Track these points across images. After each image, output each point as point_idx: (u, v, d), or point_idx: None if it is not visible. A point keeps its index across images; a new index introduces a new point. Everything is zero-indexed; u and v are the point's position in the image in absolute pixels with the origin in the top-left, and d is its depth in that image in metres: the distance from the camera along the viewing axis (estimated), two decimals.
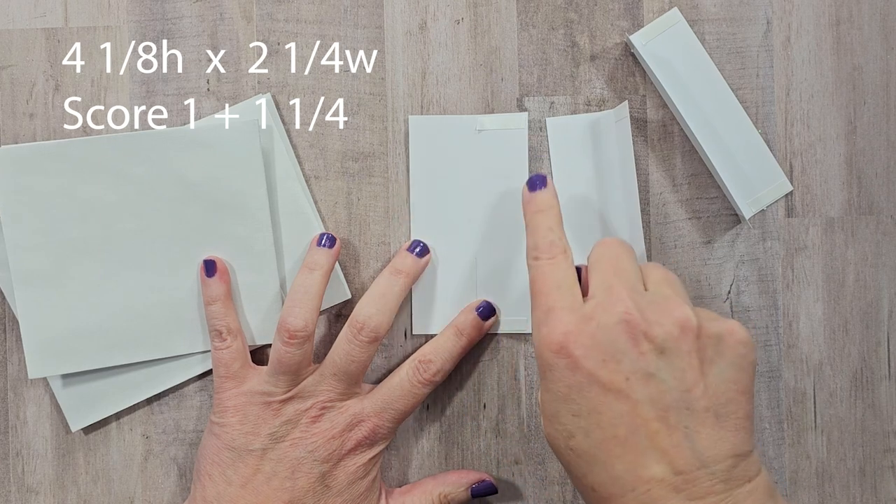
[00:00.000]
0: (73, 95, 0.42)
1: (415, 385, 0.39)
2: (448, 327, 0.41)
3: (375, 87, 0.43)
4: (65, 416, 0.42)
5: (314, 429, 0.38)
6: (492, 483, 0.41)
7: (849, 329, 0.43)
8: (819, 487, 0.43)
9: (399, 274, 0.40)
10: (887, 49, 0.43)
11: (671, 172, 0.43)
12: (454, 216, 0.42)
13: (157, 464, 0.43)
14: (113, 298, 0.40)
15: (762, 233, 0.43)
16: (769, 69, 0.43)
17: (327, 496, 0.38)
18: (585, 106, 0.43)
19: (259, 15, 0.43)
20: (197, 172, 0.40)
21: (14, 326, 0.42)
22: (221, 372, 0.39)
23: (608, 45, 0.43)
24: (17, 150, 0.40)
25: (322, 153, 0.43)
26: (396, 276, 0.40)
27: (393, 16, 0.43)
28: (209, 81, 0.42)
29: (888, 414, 0.43)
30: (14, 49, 0.42)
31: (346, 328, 0.38)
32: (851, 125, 0.43)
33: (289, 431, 0.38)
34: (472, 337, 0.41)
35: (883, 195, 0.43)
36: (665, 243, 0.43)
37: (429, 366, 0.39)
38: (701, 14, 0.43)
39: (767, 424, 0.43)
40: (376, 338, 0.38)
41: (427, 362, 0.39)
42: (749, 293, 0.43)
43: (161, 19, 0.42)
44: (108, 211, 0.40)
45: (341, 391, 0.39)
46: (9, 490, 0.42)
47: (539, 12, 0.43)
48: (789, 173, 0.43)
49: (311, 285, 0.39)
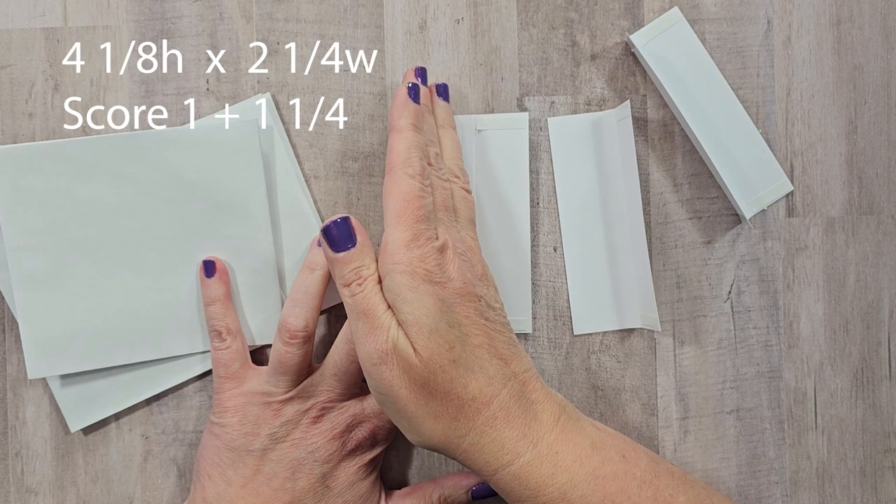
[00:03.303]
0: (73, 95, 0.42)
1: None
2: None
3: (375, 87, 0.43)
4: (64, 417, 0.41)
5: (314, 429, 0.38)
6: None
7: (849, 329, 0.43)
8: (819, 488, 0.43)
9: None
10: (888, 49, 0.43)
11: (672, 172, 0.43)
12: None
13: (156, 464, 0.42)
14: (112, 299, 0.40)
15: (763, 233, 0.43)
16: (770, 69, 0.43)
17: (328, 497, 0.38)
18: (586, 106, 0.43)
19: (259, 15, 0.43)
20: (197, 172, 0.40)
21: (13, 327, 0.42)
22: (221, 372, 0.39)
23: (608, 45, 0.43)
24: (16, 150, 0.40)
25: (322, 153, 0.43)
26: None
27: (393, 15, 0.43)
28: (209, 81, 0.42)
29: (889, 414, 0.43)
30: (13, 49, 0.42)
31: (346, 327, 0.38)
32: (852, 125, 0.43)
33: (289, 432, 0.38)
34: None
35: (883, 195, 0.43)
36: (665, 243, 0.43)
37: None
38: (701, 14, 0.43)
39: (768, 424, 0.43)
40: None
41: None
42: (750, 293, 0.43)
43: (161, 19, 0.42)
44: (107, 211, 0.40)
45: (341, 391, 0.39)
46: (8, 490, 0.42)
47: (539, 12, 0.43)
48: (790, 173, 0.43)
49: (311, 285, 0.39)
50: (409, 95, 0.38)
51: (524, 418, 0.34)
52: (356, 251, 0.35)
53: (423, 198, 0.35)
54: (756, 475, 0.43)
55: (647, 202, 0.42)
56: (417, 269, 0.33)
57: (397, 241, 0.34)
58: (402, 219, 0.34)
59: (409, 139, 0.36)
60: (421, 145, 0.37)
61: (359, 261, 0.35)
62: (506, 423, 0.33)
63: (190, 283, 0.41)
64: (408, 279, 0.33)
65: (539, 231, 0.42)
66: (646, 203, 0.42)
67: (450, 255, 0.34)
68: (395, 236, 0.34)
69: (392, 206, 0.35)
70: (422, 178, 0.35)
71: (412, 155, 0.36)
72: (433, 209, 0.36)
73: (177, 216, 0.41)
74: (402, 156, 0.36)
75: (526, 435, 0.33)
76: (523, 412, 0.34)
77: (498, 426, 0.33)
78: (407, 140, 0.36)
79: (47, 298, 0.40)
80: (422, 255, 0.33)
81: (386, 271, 0.34)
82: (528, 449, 0.33)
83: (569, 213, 0.42)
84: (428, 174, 0.36)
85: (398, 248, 0.34)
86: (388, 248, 0.34)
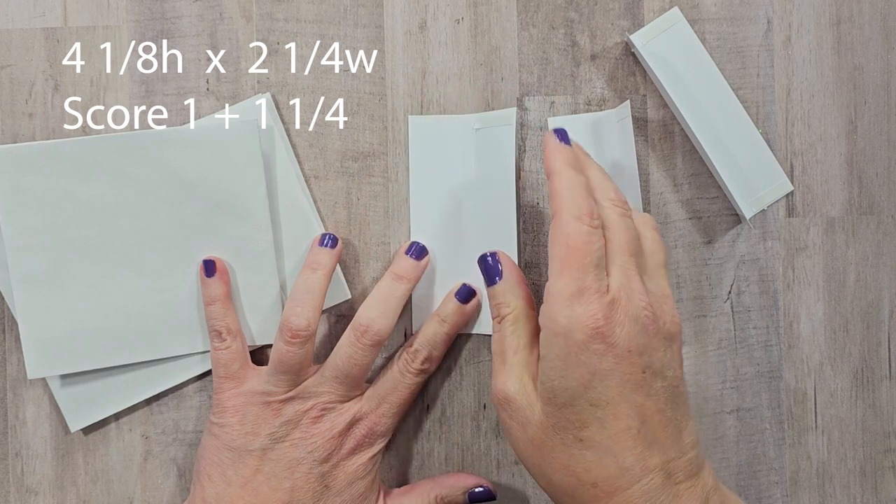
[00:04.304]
0: (73, 95, 0.42)
1: (406, 375, 0.39)
2: (432, 315, 0.41)
3: (375, 87, 0.43)
4: (64, 417, 0.41)
5: (314, 429, 0.38)
6: (489, 489, 0.40)
7: (849, 329, 0.43)
8: (820, 488, 0.43)
9: (400, 279, 0.40)
10: (888, 49, 0.43)
11: (672, 172, 0.43)
12: (454, 215, 0.42)
13: (156, 464, 0.42)
14: (112, 299, 0.40)
15: (763, 233, 0.43)
16: (770, 69, 0.43)
17: (326, 496, 0.38)
18: (586, 105, 0.43)
19: (259, 15, 0.43)
20: (197, 172, 0.40)
21: (13, 327, 0.42)
22: (221, 372, 0.39)
23: (608, 45, 0.43)
24: (16, 150, 0.40)
25: (322, 153, 0.43)
26: (398, 281, 0.40)
27: (393, 15, 0.43)
28: (209, 81, 0.42)
29: (889, 414, 0.43)
30: (13, 49, 0.42)
31: (349, 331, 0.38)
32: (852, 125, 0.43)
33: (289, 432, 0.38)
34: (455, 322, 0.40)
35: (884, 195, 0.43)
36: (666, 243, 0.43)
37: (416, 355, 0.39)
38: (701, 13, 0.43)
39: (768, 425, 0.43)
40: (379, 341, 0.38)
41: (413, 352, 0.39)
42: (750, 293, 0.43)
43: (161, 19, 0.42)
44: (107, 211, 0.40)
45: (342, 393, 0.39)
46: (8, 490, 0.42)
47: (539, 12, 0.43)
48: (790, 173, 0.43)
49: (313, 284, 0.39)
50: (558, 139, 0.35)
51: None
52: (499, 288, 0.35)
53: (592, 243, 0.31)
54: (756, 475, 0.43)
55: (647, 202, 0.42)
56: (575, 331, 0.30)
57: (559, 294, 0.30)
58: (566, 268, 0.30)
59: (569, 178, 0.33)
60: (584, 184, 0.33)
61: (500, 297, 0.34)
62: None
63: (190, 284, 0.41)
64: (561, 343, 0.30)
65: (539, 231, 0.42)
66: (646, 203, 0.42)
67: (620, 314, 0.30)
68: (558, 288, 0.31)
69: (557, 254, 0.31)
70: (590, 219, 0.31)
71: (576, 194, 0.32)
72: (610, 254, 0.32)
73: (177, 216, 0.41)
74: (565, 196, 0.32)
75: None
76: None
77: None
78: (567, 179, 0.32)
79: (47, 298, 0.40)
80: (585, 315, 0.30)
81: (542, 325, 0.31)
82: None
83: None
84: (597, 214, 0.32)
85: (559, 304, 0.30)
86: (549, 300, 0.31)
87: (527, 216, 0.43)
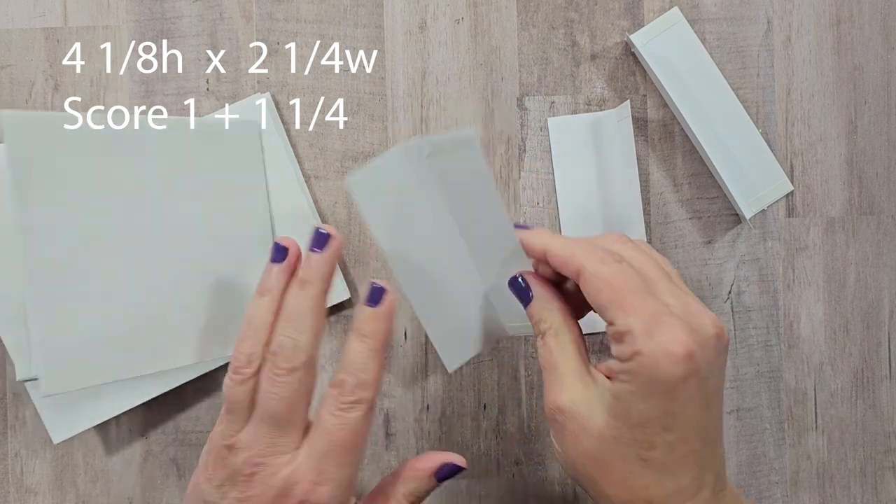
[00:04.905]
0: (73, 95, 0.42)
1: (338, 416, 0.31)
2: (349, 334, 0.33)
3: (375, 87, 0.43)
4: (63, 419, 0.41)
5: (249, 491, 0.31)
6: (454, 464, 0.35)
7: (849, 329, 0.43)
8: (820, 488, 0.43)
9: (304, 285, 0.33)
10: (888, 49, 0.43)
11: (672, 172, 0.43)
12: (444, 240, 0.35)
13: (156, 464, 0.42)
14: (134, 298, 0.38)
15: (763, 233, 0.43)
16: (770, 69, 0.43)
17: None
18: (586, 105, 0.43)
19: (259, 15, 0.43)
20: (196, 172, 0.40)
21: None
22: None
23: (608, 45, 0.43)
24: (35, 118, 0.35)
25: (322, 153, 0.43)
26: (302, 289, 0.33)
27: (393, 15, 0.43)
28: (209, 81, 0.42)
29: (889, 414, 0.43)
30: (13, 49, 0.42)
31: (266, 359, 0.33)
32: (852, 125, 0.43)
33: (228, 492, 0.32)
34: (376, 332, 0.33)
35: (884, 195, 0.43)
36: (666, 243, 0.43)
37: (342, 387, 0.32)
38: (701, 13, 0.43)
39: (768, 425, 0.43)
40: (292, 368, 0.31)
41: (339, 383, 0.32)
42: (750, 293, 0.43)
43: (161, 19, 0.42)
44: (127, 200, 0.37)
45: (270, 442, 0.31)
46: (7, 490, 0.42)
47: (539, 12, 0.43)
48: (790, 173, 0.43)
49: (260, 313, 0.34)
50: (523, 228, 0.34)
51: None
52: (532, 307, 0.34)
53: (633, 276, 0.30)
54: (756, 475, 0.43)
55: (647, 202, 0.42)
56: (663, 360, 0.28)
57: (634, 328, 0.29)
58: (625, 304, 0.29)
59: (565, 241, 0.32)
60: (582, 238, 0.33)
61: (537, 315, 0.33)
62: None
63: (189, 284, 0.41)
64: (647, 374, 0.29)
65: None
66: (646, 203, 0.42)
67: (700, 336, 0.29)
68: (629, 324, 0.29)
69: (607, 299, 0.30)
70: (616, 260, 0.31)
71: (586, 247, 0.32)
72: (652, 283, 0.31)
73: (176, 216, 0.40)
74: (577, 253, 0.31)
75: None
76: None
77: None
78: (565, 243, 0.32)
79: (64, 296, 0.35)
80: (670, 341, 0.28)
81: (626, 360, 0.29)
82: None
83: (569, 213, 0.42)
84: (617, 254, 0.31)
85: (640, 336, 0.29)
86: (625, 338, 0.29)
87: (527, 216, 0.43)
